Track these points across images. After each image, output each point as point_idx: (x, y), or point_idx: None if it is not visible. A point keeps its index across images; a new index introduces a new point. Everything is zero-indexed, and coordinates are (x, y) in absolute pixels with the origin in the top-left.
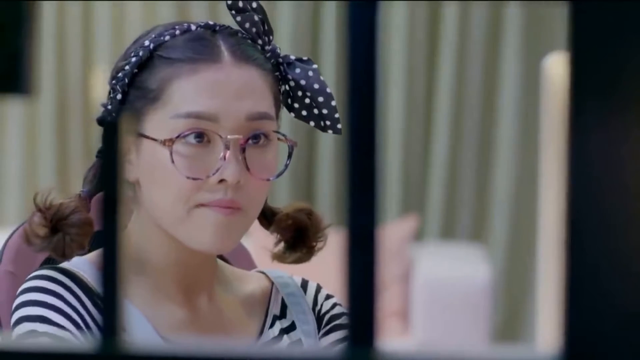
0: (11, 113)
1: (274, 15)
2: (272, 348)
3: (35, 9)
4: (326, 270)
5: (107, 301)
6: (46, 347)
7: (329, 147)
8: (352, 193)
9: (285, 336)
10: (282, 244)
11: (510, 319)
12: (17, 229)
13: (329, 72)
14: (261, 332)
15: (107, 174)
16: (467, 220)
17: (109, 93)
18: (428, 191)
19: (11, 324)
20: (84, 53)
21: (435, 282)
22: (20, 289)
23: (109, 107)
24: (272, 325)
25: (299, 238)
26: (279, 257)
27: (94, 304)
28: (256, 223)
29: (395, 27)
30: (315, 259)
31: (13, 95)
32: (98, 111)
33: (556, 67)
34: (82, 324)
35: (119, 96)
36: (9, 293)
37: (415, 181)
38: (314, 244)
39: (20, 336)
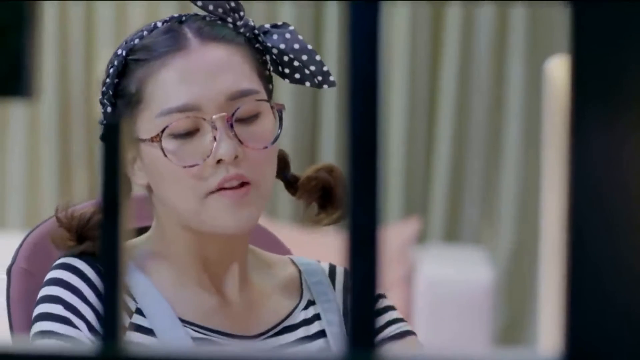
0: (13, 115)
1: (276, 16)
2: (272, 349)
3: (37, 11)
4: None
5: (107, 304)
6: (48, 349)
7: (331, 143)
8: (354, 195)
9: (317, 322)
10: (314, 208)
11: (512, 322)
12: (35, 228)
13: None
14: (292, 312)
15: (107, 177)
16: (470, 223)
17: (101, 109)
18: (431, 193)
19: (32, 317)
20: (86, 55)
21: (437, 285)
22: (46, 279)
23: (104, 122)
24: (306, 308)
25: (326, 197)
26: (314, 221)
27: None
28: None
29: (398, 29)
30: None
31: (15, 97)
32: (99, 129)
33: (558, 69)
34: (94, 322)
35: (109, 109)
36: (21, 290)
37: (418, 183)
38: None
39: (36, 335)
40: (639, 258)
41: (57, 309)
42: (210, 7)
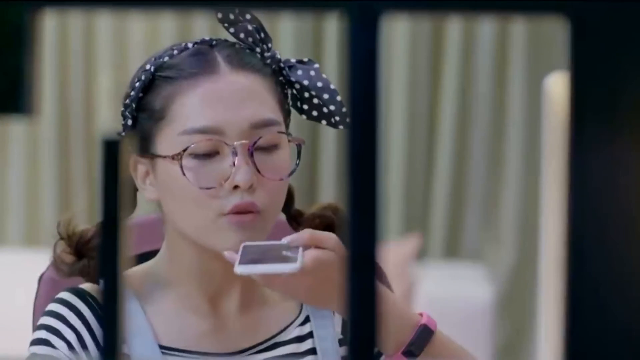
0: (13, 132)
1: (275, 30)
2: None
3: (36, 29)
4: None
5: (107, 323)
6: None
7: (330, 180)
8: (353, 214)
9: (309, 340)
10: None
11: (513, 339)
12: None
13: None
14: (286, 327)
15: (106, 194)
16: (471, 240)
17: (121, 121)
18: (431, 210)
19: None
20: (86, 71)
21: (437, 302)
22: (45, 310)
23: (123, 134)
24: (303, 324)
25: None
26: None
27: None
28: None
29: (398, 44)
30: None
31: (15, 114)
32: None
33: (558, 86)
34: (78, 349)
35: (129, 122)
36: (45, 297)
37: (418, 200)
38: None
39: (30, 357)
40: (638, 275)
41: (42, 334)
42: (242, 36)
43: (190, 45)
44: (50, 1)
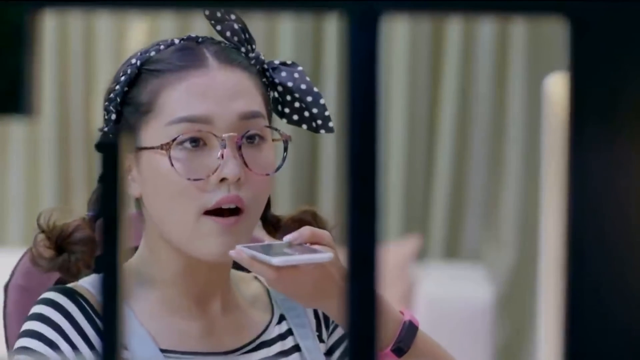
0: (13, 133)
1: (275, 31)
2: None
3: (36, 28)
4: None
5: (107, 324)
6: None
7: (331, 154)
8: (353, 214)
9: (290, 337)
10: None
11: (512, 339)
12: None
13: (331, 90)
14: (267, 327)
15: (106, 195)
16: (471, 241)
17: (104, 116)
18: (431, 211)
19: (14, 347)
20: (86, 71)
21: (437, 303)
22: (29, 313)
23: (106, 129)
24: (279, 322)
25: None
26: None
27: (95, 327)
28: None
29: (398, 45)
30: None
31: (15, 115)
32: (96, 137)
33: (557, 86)
34: (70, 355)
35: (113, 116)
36: (16, 305)
37: (418, 201)
38: None
39: None
40: (638, 275)
41: (35, 344)
42: (228, 34)
43: (177, 41)
44: (50, 1)
